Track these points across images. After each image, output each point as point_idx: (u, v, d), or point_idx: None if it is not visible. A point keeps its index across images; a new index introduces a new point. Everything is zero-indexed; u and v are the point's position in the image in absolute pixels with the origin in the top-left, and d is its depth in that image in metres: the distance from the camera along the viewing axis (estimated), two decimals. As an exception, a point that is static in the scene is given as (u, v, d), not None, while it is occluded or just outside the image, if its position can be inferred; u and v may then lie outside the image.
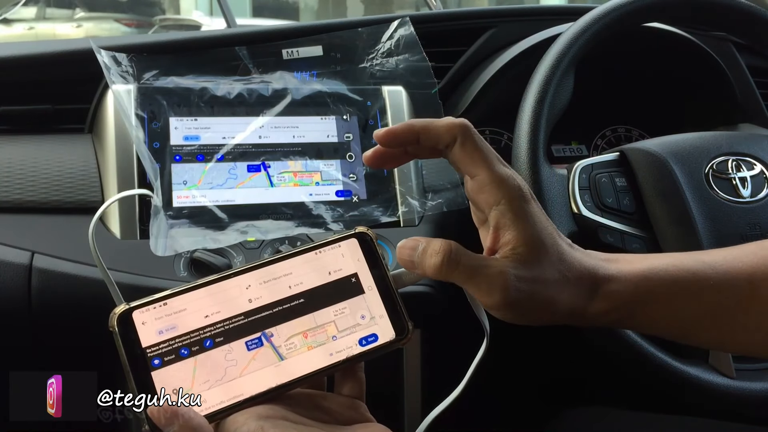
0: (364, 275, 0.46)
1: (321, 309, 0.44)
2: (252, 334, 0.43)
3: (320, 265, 0.45)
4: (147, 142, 0.72)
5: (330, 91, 0.80)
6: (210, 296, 0.43)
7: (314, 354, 0.43)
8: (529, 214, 0.43)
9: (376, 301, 0.45)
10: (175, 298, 0.42)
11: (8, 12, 1.57)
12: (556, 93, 0.70)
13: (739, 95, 0.92)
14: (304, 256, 0.45)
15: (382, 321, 0.45)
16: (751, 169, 0.72)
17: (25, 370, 0.67)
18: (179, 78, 0.76)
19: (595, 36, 0.72)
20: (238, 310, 0.43)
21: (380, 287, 0.46)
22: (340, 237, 0.47)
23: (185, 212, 0.71)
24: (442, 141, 0.44)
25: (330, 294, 0.45)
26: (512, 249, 0.43)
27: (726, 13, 0.75)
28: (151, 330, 0.41)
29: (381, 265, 0.46)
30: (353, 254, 0.46)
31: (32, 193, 0.70)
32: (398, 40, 0.84)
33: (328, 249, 0.46)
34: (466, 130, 0.44)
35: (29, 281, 0.65)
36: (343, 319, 0.45)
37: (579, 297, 0.44)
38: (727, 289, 0.45)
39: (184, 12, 8.54)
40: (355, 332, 0.44)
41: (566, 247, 0.45)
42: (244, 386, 0.41)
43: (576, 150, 0.98)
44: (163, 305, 0.42)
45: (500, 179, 0.43)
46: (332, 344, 0.44)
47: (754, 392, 0.64)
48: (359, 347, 0.44)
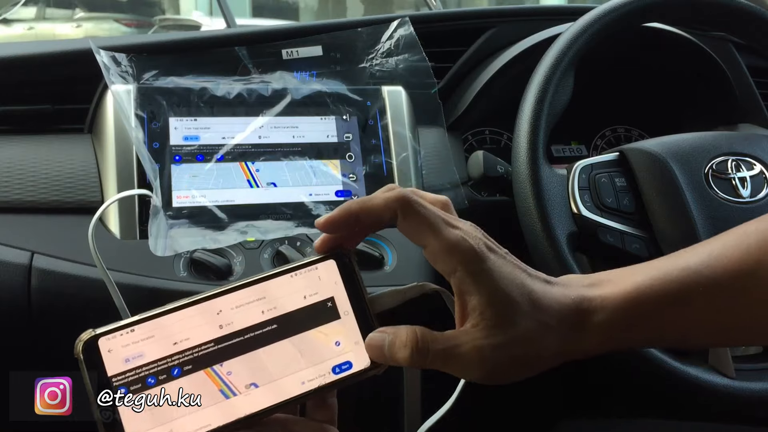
0: (341, 299, 0.44)
1: (294, 335, 0.43)
2: (222, 361, 0.41)
3: (295, 289, 0.44)
4: (147, 142, 0.72)
5: (330, 91, 0.80)
6: (179, 322, 0.42)
7: (286, 382, 0.42)
8: (490, 273, 0.41)
9: (352, 327, 0.44)
10: (144, 324, 0.41)
11: (8, 12, 1.57)
12: (556, 93, 0.70)
13: (738, 95, 0.92)
14: (279, 279, 0.44)
15: (357, 348, 0.43)
16: (750, 169, 0.72)
17: (25, 370, 0.67)
18: (179, 78, 0.76)
19: (595, 36, 0.72)
20: (208, 336, 0.42)
21: (357, 312, 0.44)
22: (318, 259, 0.45)
23: (185, 212, 0.71)
24: (384, 217, 0.43)
25: (304, 319, 0.43)
26: (480, 314, 0.41)
27: (725, 13, 0.75)
28: (117, 358, 0.40)
29: (359, 288, 0.45)
30: (330, 277, 0.45)
31: (32, 193, 0.70)
32: (398, 40, 0.84)
33: (304, 271, 0.44)
34: (406, 202, 0.42)
35: (29, 281, 0.65)
36: (317, 345, 0.43)
37: (566, 339, 0.42)
38: (717, 293, 0.44)
39: (184, 12, 8.53)
40: (329, 360, 0.43)
41: (540, 287, 0.43)
42: (214, 415, 0.40)
43: (576, 150, 0.98)
44: (130, 332, 0.40)
45: (451, 246, 0.41)
46: (304, 372, 0.42)
47: (754, 392, 0.64)
48: (332, 375, 0.43)
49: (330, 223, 0.43)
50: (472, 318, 0.41)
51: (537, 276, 0.44)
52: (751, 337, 0.49)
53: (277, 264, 0.70)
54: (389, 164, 0.78)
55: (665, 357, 0.63)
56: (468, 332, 0.41)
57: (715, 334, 0.47)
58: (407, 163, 0.78)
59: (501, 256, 0.43)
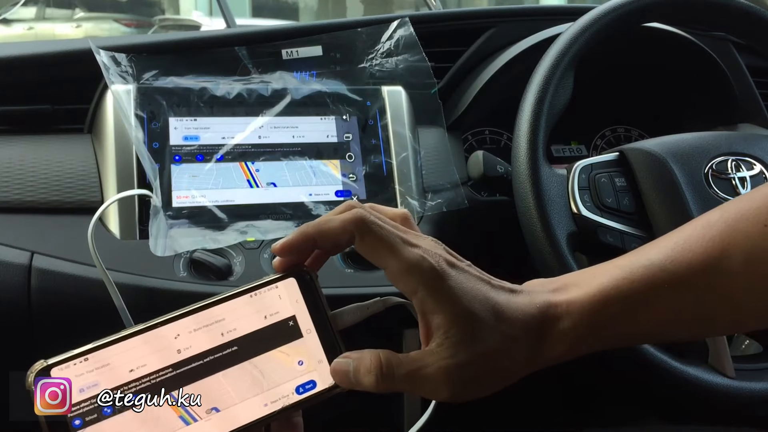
0: (302, 318, 0.44)
1: (255, 356, 0.42)
2: (181, 386, 0.40)
3: (255, 309, 0.43)
4: (146, 142, 0.72)
5: (329, 91, 0.80)
6: (135, 348, 0.41)
7: (248, 405, 0.41)
8: (451, 291, 0.40)
9: (315, 346, 0.43)
10: (98, 351, 0.40)
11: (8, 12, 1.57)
12: (556, 93, 0.70)
13: (738, 95, 0.92)
14: (238, 300, 0.43)
15: (321, 366, 0.43)
16: (750, 169, 0.72)
17: (25, 370, 0.67)
18: (179, 78, 0.76)
19: (595, 36, 0.72)
20: (166, 362, 0.41)
21: (320, 329, 0.44)
22: (277, 277, 0.44)
23: (185, 212, 0.71)
24: (341, 240, 0.42)
25: (265, 339, 0.43)
26: (444, 333, 0.40)
27: (725, 13, 0.75)
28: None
29: (321, 305, 0.44)
30: (291, 295, 0.44)
31: (32, 193, 0.70)
32: (398, 40, 0.84)
33: (264, 291, 0.44)
34: (362, 223, 0.41)
35: (29, 281, 0.65)
36: (280, 366, 0.42)
37: (534, 349, 0.42)
38: (683, 289, 0.43)
39: (184, 12, 8.53)
40: (292, 380, 0.42)
41: (504, 298, 0.42)
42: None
43: (575, 150, 0.98)
44: (84, 360, 0.39)
45: (410, 266, 0.40)
46: (267, 393, 0.42)
47: (754, 392, 0.64)
48: (296, 395, 0.42)
49: (286, 248, 0.43)
50: (436, 337, 0.41)
51: (501, 286, 0.43)
52: (724, 328, 0.49)
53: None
54: (389, 164, 0.78)
55: (665, 357, 0.63)
56: (433, 352, 0.41)
57: (691, 327, 0.46)
58: (407, 163, 0.78)
59: (462, 269, 0.42)
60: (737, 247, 0.43)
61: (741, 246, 0.42)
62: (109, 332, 0.41)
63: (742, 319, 0.46)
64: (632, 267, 0.44)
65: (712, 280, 0.43)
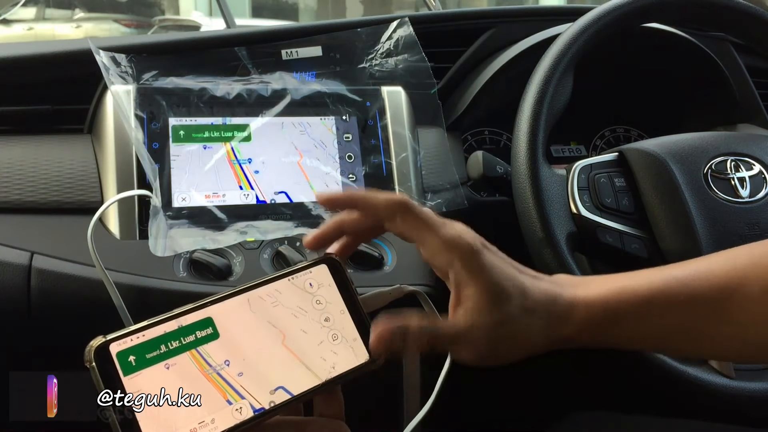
0: (335, 300, 0.47)
1: (294, 336, 0.45)
2: (226, 364, 0.43)
3: (293, 292, 0.47)
4: (146, 142, 0.72)
5: (329, 91, 0.80)
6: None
7: (296, 378, 0.44)
8: (485, 266, 0.44)
9: (349, 325, 0.47)
10: (155, 328, 0.42)
11: (7, 12, 1.57)
12: (556, 93, 0.70)
13: (737, 95, 0.93)
14: (280, 282, 0.46)
15: (356, 344, 0.46)
16: (749, 170, 0.72)
17: (25, 370, 0.67)
18: (178, 78, 0.76)
19: (595, 36, 0.72)
20: (219, 338, 0.43)
21: (352, 311, 0.47)
22: (310, 263, 0.48)
23: (185, 212, 0.71)
24: (380, 214, 0.46)
25: (303, 320, 0.46)
26: (474, 301, 0.44)
27: (724, 13, 0.75)
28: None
29: (351, 289, 0.48)
30: (324, 280, 0.48)
31: (31, 193, 0.70)
32: (397, 40, 0.84)
33: (300, 275, 0.47)
34: (405, 203, 0.45)
35: (28, 282, 0.65)
36: (319, 343, 0.45)
37: (551, 326, 0.46)
38: (696, 306, 0.46)
39: (184, 12, 8.54)
40: (331, 356, 0.45)
41: (530, 280, 0.47)
42: (221, 418, 0.41)
43: (575, 150, 0.98)
44: (141, 336, 0.41)
45: (449, 242, 0.45)
46: (311, 368, 0.44)
47: (754, 392, 0.64)
48: (336, 370, 0.45)
49: (332, 200, 0.48)
50: (465, 304, 0.45)
51: (526, 272, 0.48)
52: (729, 352, 0.50)
53: (277, 264, 0.70)
54: (389, 164, 0.78)
55: (665, 357, 0.63)
56: (461, 316, 0.45)
57: (698, 343, 0.48)
58: (407, 164, 0.79)
59: (494, 253, 0.47)
60: (759, 279, 0.45)
61: (763, 278, 0.45)
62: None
63: (749, 349, 0.47)
64: (653, 276, 0.47)
65: (728, 303, 0.45)
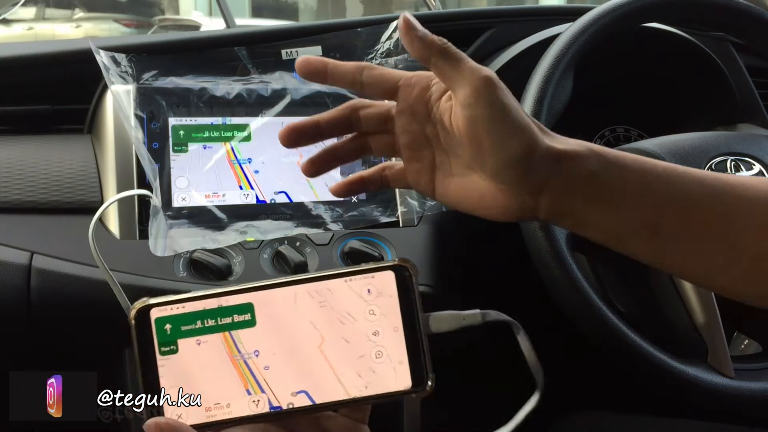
0: (392, 314, 0.42)
1: (337, 341, 0.42)
2: (261, 353, 0.41)
3: (347, 296, 0.42)
4: (146, 142, 0.72)
5: (329, 91, 0.79)
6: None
7: (322, 386, 0.41)
8: (505, 103, 0.42)
9: (398, 345, 0.42)
10: (194, 302, 0.41)
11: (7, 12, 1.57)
12: (555, 93, 0.70)
13: (737, 95, 0.92)
14: (335, 281, 0.42)
15: (400, 368, 0.41)
16: (749, 169, 0.72)
17: (25, 370, 0.67)
18: (178, 78, 0.76)
19: (594, 36, 0.72)
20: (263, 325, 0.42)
21: (407, 330, 0.42)
22: (377, 267, 0.43)
23: (184, 212, 0.71)
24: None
25: (350, 327, 0.42)
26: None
27: (724, 13, 0.75)
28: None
29: (415, 305, 0.42)
30: (386, 289, 0.42)
31: (31, 193, 0.70)
32: (397, 40, 0.84)
33: (359, 278, 0.42)
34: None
35: (28, 281, 0.65)
36: (359, 356, 0.42)
37: (551, 148, 0.43)
38: (680, 184, 0.44)
39: (184, 12, 8.53)
40: (368, 374, 0.41)
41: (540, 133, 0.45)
42: (240, 406, 0.40)
43: (575, 150, 0.98)
44: (182, 307, 0.41)
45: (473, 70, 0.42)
46: (343, 380, 0.41)
47: (754, 392, 0.64)
48: (368, 390, 0.41)
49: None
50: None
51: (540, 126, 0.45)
52: (710, 257, 0.45)
53: (277, 264, 0.70)
54: (389, 164, 0.78)
55: (665, 357, 0.63)
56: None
57: (671, 241, 0.44)
58: (407, 163, 0.78)
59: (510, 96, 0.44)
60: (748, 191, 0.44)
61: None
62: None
63: (736, 256, 0.44)
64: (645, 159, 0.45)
65: (713, 193, 0.44)
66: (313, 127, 0.48)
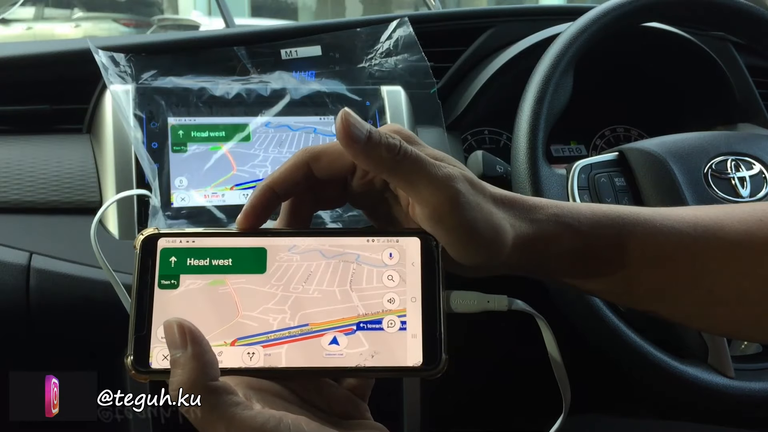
0: (412, 283, 0.39)
1: (350, 298, 0.39)
2: (274, 304, 0.38)
3: (371, 253, 0.39)
4: (145, 142, 0.72)
5: (329, 91, 0.79)
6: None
7: (329, 350, 0.38)
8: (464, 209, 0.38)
9: (414, 318, 0.38)
10: (204, 239, 0.39)
11: (6, 12, 1.56)
12: (555, 93, 0.70)
13: (738, 95, 0.93)
14: (356, 239, 0.39)
15: (413, 342, 0.38)
16: (750, 169, 0.72)
17: (25, 370, 0.67)
18: (178, 78, 0.76)
19: (594, 36, 0.72)
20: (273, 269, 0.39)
21: (426, 303, 0.38)
22: (402, 231, 0.40)
23: (184, 212, 0.71)
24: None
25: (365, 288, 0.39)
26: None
27: (725, 13, 0.75)
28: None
29: (438, 279, 0.39)
30: (409, 255, 0.39)
31: (30, 193, 0.70)
32: (397, 40, 0.84)
33: (382, 240, 0.39)
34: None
35: (27, 282, 0.65)
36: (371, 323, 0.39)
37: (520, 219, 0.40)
38: (655, 230, 0.41)
39: (183, 12, 8.52)
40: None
41: (509, 220, 0.40)
42: (239, 356, 0.37)
43: (575, 150, 0.98)
44: (191, 242, 0.39)
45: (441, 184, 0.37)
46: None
47: (754, 392, 0.64)
48: (371, 360, 0.38)
49: (250, 212, 0.41)
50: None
51: (512, 205, 0.41)
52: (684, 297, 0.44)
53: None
54: (388, 164, 0.78)
55: (665, 357, 0.63)
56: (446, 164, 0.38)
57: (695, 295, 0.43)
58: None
59: (478, 190, 0.40)
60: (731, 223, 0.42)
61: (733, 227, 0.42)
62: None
63: (715, 295, 0.42)
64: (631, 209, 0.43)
65: (694, 241, 0.42)
66: (271, 197, 0.42)
